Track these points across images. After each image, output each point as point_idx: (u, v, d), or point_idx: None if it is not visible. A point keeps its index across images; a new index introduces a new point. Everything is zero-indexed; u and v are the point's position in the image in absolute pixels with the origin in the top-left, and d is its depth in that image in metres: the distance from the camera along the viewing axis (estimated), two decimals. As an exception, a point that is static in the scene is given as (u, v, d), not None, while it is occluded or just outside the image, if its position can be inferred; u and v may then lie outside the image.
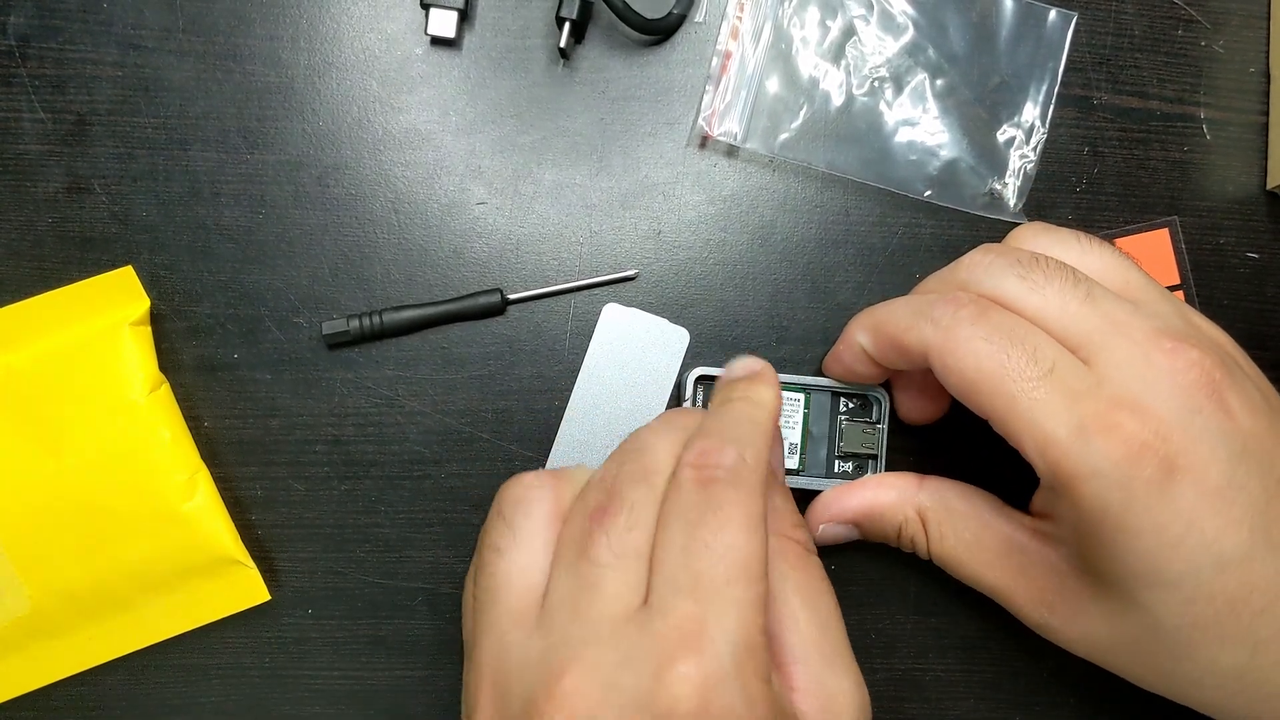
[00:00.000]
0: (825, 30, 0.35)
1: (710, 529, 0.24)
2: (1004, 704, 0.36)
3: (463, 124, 0.35)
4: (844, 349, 0.32)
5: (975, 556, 0.31)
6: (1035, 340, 0.27)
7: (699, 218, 0.36)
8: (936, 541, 0.32)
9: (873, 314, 0.31)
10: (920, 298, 0.30)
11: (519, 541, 0.27)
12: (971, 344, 0.27)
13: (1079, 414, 0.25)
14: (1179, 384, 0.26)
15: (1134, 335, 0.26)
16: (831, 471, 0.34)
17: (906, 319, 0.29)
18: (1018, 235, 0.31)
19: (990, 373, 0.26)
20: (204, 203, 0.35)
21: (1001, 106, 0.36)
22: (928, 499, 0.32)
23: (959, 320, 0.27)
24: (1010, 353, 0.26)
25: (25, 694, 0.33)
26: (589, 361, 0.35)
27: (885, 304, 0.31)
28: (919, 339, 0.28)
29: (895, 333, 0.29)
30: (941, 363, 0.27)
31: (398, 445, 0.35)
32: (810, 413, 0.34)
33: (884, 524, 0.33)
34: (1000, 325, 0.27)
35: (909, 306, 0.29)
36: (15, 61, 0.34)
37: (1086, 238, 0.30)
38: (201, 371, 0.35)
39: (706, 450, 0.25)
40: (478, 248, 0.35)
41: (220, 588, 0.34)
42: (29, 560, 0.32)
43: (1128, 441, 0.25)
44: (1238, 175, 0.37)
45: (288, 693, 0.35)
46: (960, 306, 0.27)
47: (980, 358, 0.26)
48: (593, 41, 0.36)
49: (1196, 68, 0.37)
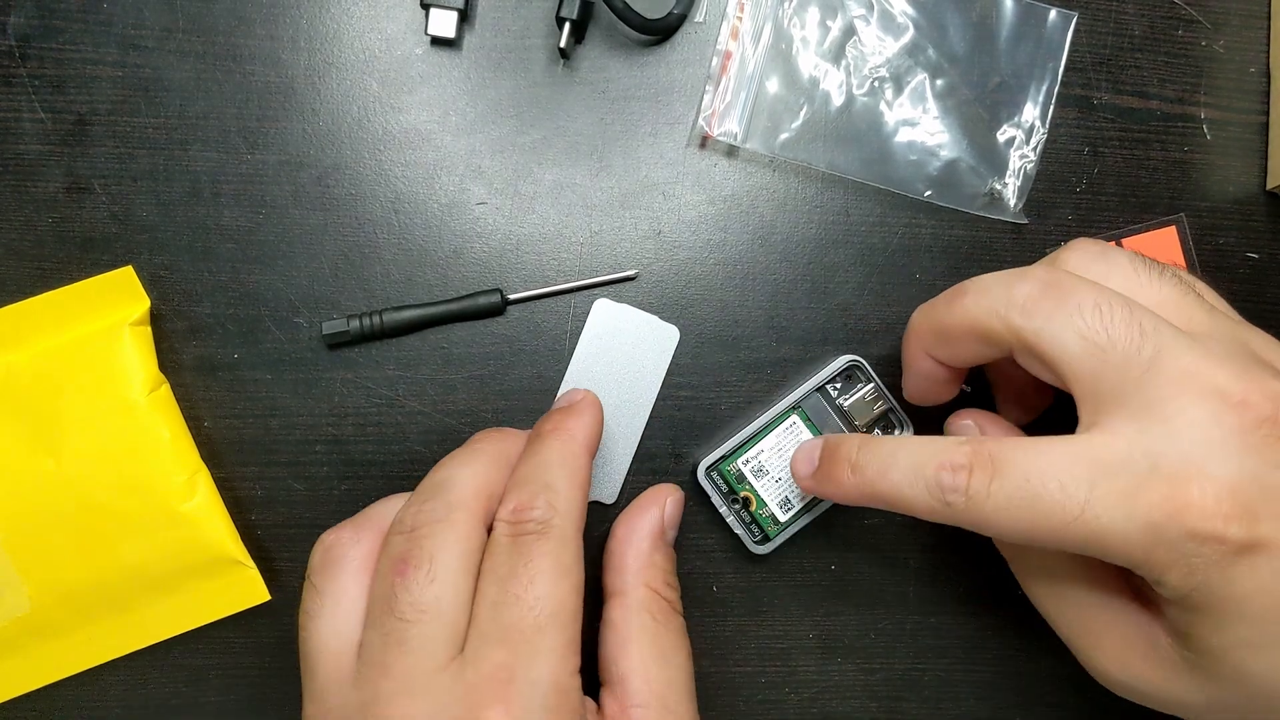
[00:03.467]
0: (825, 30, 0.35)
1: (520, 582, 0.25)
2: (1004, 704, 0.36)
3: (463, 124, 0.35)
4: (834, 497, 0.30)
5: (1060, 604, 0.29)
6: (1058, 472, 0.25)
7: (699, 218, 0.36)
8: (1020, 577, 0.31)
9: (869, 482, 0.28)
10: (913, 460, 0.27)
11: (326, 606, 0.27)
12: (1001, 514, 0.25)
13: (1144, 510, 0.24)
14: (1251, 442, 0.24)
15: (1202, 390, 0.24)
16: None
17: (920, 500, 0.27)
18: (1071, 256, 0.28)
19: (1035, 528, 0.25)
20: (204, 203, 0.35)
21: (1001, 106, 0.36)
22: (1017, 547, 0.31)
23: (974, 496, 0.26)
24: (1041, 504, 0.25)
25: (25, 694, 0.34)
26: (578, 356, 0.35)
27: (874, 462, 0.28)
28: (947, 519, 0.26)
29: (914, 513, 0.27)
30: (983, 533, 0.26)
31: (398, 445, 0.35)
32: (813, 421, 0.34)
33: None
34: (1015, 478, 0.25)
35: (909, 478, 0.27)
36: (15, 61, 0.34)
37: (1145, 265, 0.28)
38: (201, 371, 0.35)
39: (519, 505, 0.27)
40: (478, 248, 0.35)
41: (220, 588, 0.34)
42: (29, 560, 0.32)
43: (1207, 518, 0.23)
44: (1238, 175, 0.37)
45: (288, 693, 0.35)
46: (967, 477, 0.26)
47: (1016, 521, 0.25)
48: (593, 41, 0.36)
49: (1197, 68, 0.37)
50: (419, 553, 0.26)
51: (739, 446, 0.34)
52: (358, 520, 0.29)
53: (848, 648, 0.36)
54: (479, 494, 0.28)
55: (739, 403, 0.35)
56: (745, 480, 0.34)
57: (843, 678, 0.36)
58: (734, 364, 0.35)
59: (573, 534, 0.27)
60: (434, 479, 0.28)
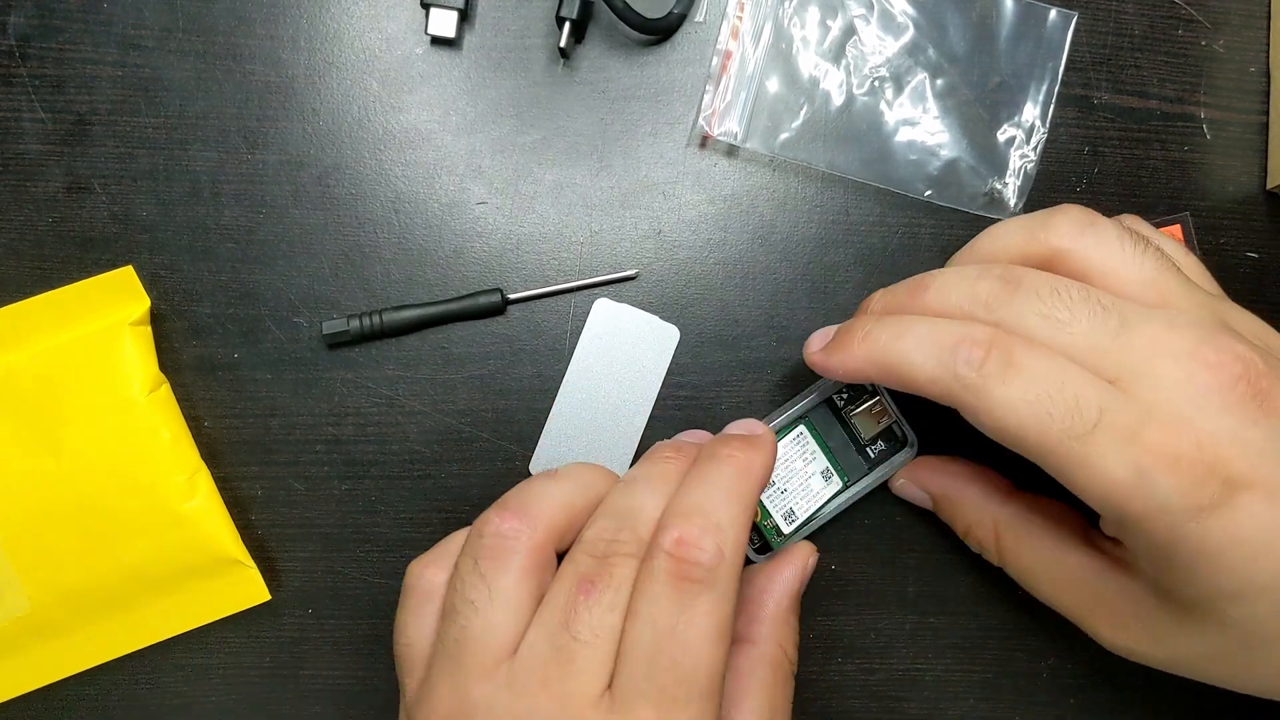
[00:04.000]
0: (825, 30, 0.35)
1: (680, 644, 0.24)
2: (1004, 704, 0.36)
3: (463, 124, 0.35)
4: (839, 365, 0.29)
5: (1050, 578, 0.30)
6: (1075, 387, 0.25)
7: (699, 217, 0.36)
8: (1010, 556, 0.31)
9: (880, 346, 0.28)
10: (931, 331, 0.27)
11: (495, 599, 0.26)
12: (1008, 403, 0.25)
13: (1134, 454, 0.24)
14: (1228, 400, 0.25)
15: (1175, 353, 0.25)
16: (873, 464, 0.34)
17: (926, 367, 0.27)
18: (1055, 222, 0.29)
19: (1034, 431, 0.25)
20: (204, 203, 0.35)
21: (1001, 106, 0.36)
22: (1009, 514, 0.31)
23: (987, 376, 0.25)
24: (1053, 409, 0.25)
25: (25, 694, 0.34)
26: (578, 356, 0.35)
27: (889, 329, 0.28)
28: (946, 392, 0.26)
29: (913, 379, 0.27)
30: (976, 420, 0.26)
31: (398, 445, 0.35)
32: (819, 432, 0.34)
33: (954, 517, 0.33)
34: (1034, 376, 0.25)
35: (923, 346, 0.27)
36: (15, 61, 0.34)
37: (1131, 239, 0.28)
38: (201, 371, 0.35)
39: (685, 539, 0.25)
40: (478, 247, 0.35)
41: (220, 588, 0.34)
42: (29, 560, 0.32)
43: (1189, 470, 0.24)
44: (1238, 175, 0.37)
45: (288, 693, 0.35)
46: (985, 354, 0.26)
47: (1021, 416, 0.25)
48: (593, 41, 0.36)
49: (1197, 68, 0.37)
50: (608, 579, 0.25)
51: None
52: (525, 511, 0.27)
53: (848, 648, 0.36)
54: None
55: (739, 403, 0.35)
56: None
57: (843, 678, 0.36)
58: (734, 364, 0.36)
59: (734, 586, 0.25)
60: (627, 502, 0.27)
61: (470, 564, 0.26)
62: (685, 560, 0.24)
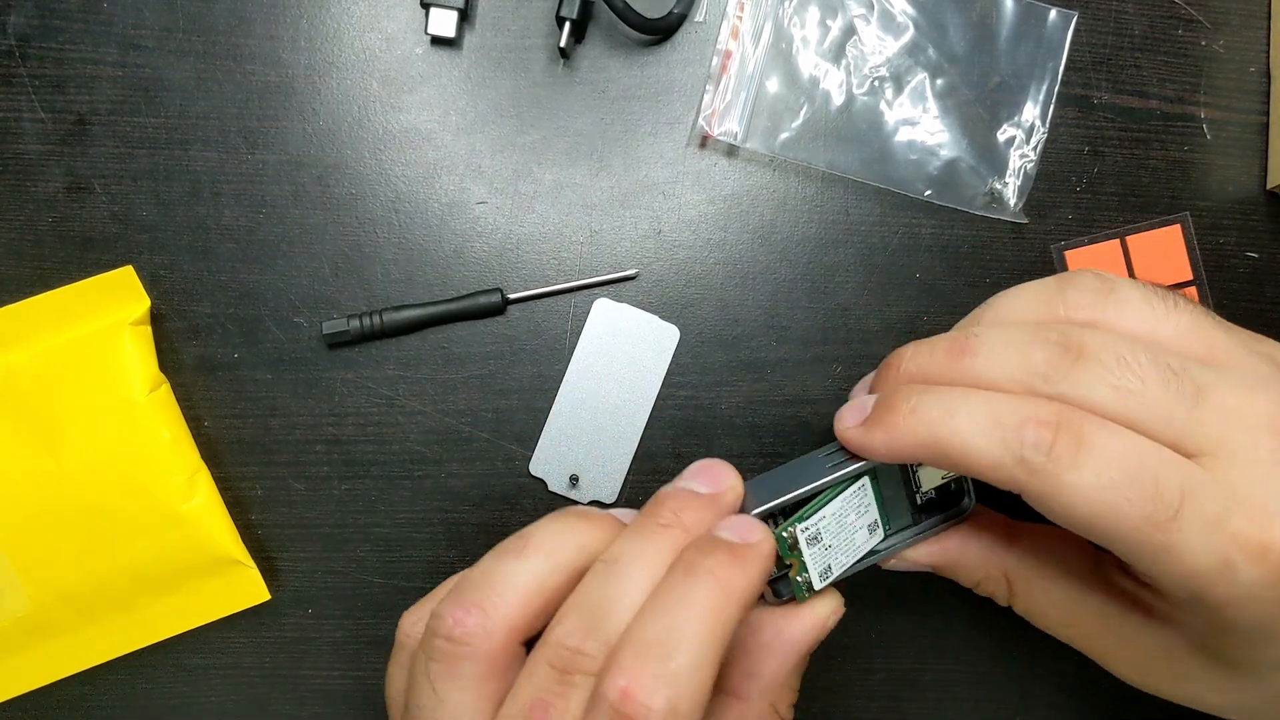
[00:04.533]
0: (825, 30, 0.35)
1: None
2: (1004, 704, 0.36)
3: (463, 123, 0.35)
4: (882, 451, 0.25)
5: (1065, 620, 0.28)
6: (1155, 469, 0.23)
7: (699, 217, 0.36)
8: (1022, 600, 0.29)
9: (930, 425, 0.24)
10: (990, 408, 0.24)
11: (442, 711, 0.23)
12: (1081, 490, 0.23)
13: (1223, 544, 0.22)
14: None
15: (1255, 424, 0.23)
16: (919, 516, 0.30)
17: (991, 453, 0.23)
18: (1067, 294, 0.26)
19: (1111, 519, 0.23)
20: (204, 203, 0.35)
21: (1001, 106, 0.36)
22: (1016, 561, 0.29)
23: (1058, 460, 0.23)
24: (1131, 494, 0.22)
25: (25, 694, 0.33)
26: (578, 356, 0.35)
27: (939, 405, 0.24)
28: (1010, 480, 0.24)
29: (976, 467, 0.24)
30: (1045, 508, 0.24)
31: (398, 445, 0.35)
32: (881, 481, 0.28)
33: (959, 577, 0.30)
34: (1109, 458, 0.23)
35: (981, 427, 0.24)
36: (15, 61, 0.34)
37: (1157, 295, 0.26)
38: (201, 371, 0.35)
39: (631, 690, 0.20)
40: (478, 247, 0.35)
41: (220, 588, 0.34)
42: (29, 560, 0.32)
43: (1278, 561, 0.22)
44: (1238, 175, 0.37)
45: (288, 693, 0.35)
46: (1054, 436, 0.23)
47: (1095, 505, 0.23)
48: (593, 41, 0.36)
49: (1197, 68, 0.37)
50: (564, 704, 0.22)
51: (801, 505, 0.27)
52: (484, 603, 0.23)
53: (848, 648, 0.36)
54: None
55: (739, 403, 0.35)
56: (798, 548, 0.27)
57: (843, 678, 0.36)
58: (734, 364, 0.35)
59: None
60: (600, 594, 0.23)
61: (423, 665, 0.24)
62: (628, 715, 0.20)
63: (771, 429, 0.35)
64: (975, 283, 0.36)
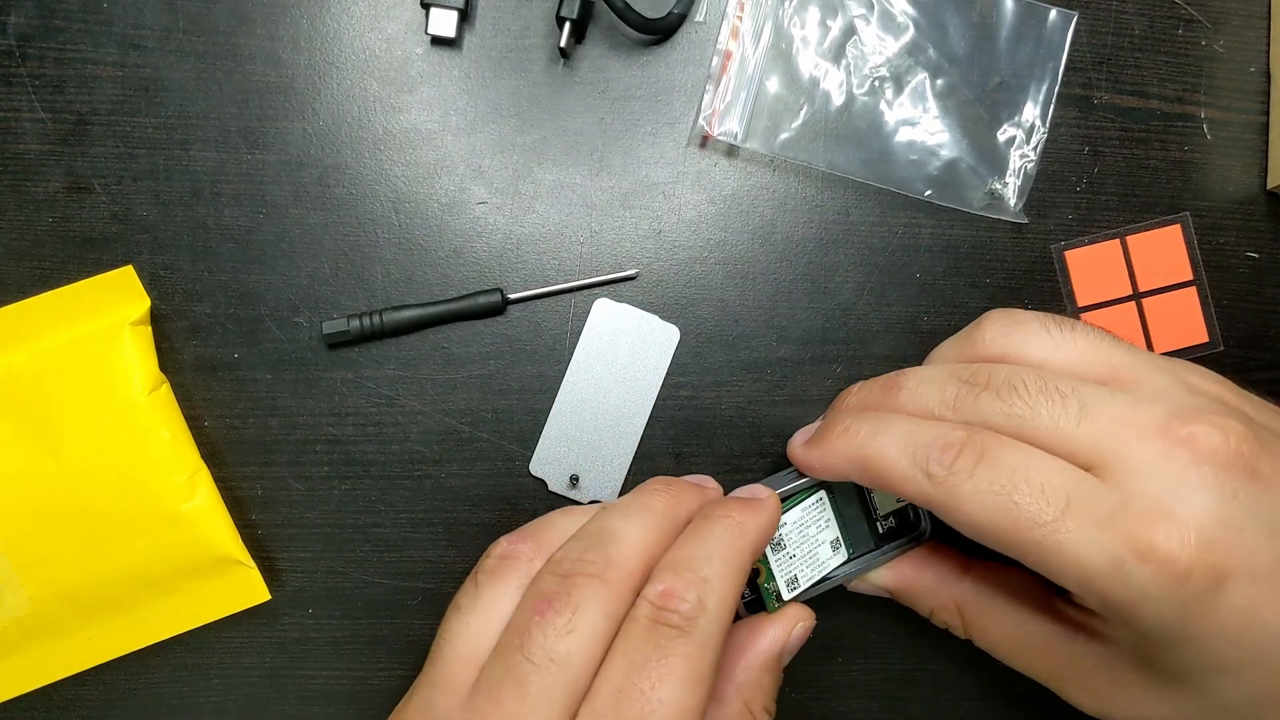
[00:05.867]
0: (825, 30, 0.35)
1: (649, 678, 0.24)
2: (1004, 704, 0.36)
3: (463, 124, 0.35)
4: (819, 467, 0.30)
5: (1018, 648, 0.30)
6: (1042, 474, 0.25)
7: (699, 217, 0.36)
8: (977, 631, 0.31)
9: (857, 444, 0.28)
10: (908, 430, 0.27)
11: (478, 607, 0.27)
12: (976, 498, 0.25)
13: (1111, 543, 0.24)
14: (1207, 475, 0.24)
15: (1144, 432, 0.25)
16: (881, 542, 0.33)
17: (900, 466, 0.27)
18: (980, 334, 0.30)
19: (1004, 523, 0.25)
20: (204, 203, 0.35)
21: (1002, 106, 0.36)
22: (968, 591, 0.31)
23: (957, 473, 0.26)
24: (1019, 498, 0.25)
25: (25, 694, 0.33)
26: (578, 356, 0.35)
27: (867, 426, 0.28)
28: (919, 491, 0.27)
29: (889, 481, 0.27)
30: (950, 518, 0.26)
31: (398, 445, 0.35)
32: (838, 498, 0.32)
33: (916, 604, 0.32)
34: (1001, 468, 0.25)
35: (898, 445, 0.27)
36: (15, 61, 0.34)
37: (1054, 323, 0.29)
38: (201, 371, 0.35)
39: (669, 590, 0.25)
40: (478, 247, 0.35)
41: (220, 588, 0.34)
42: (29, 560, 0.32)
43: (1170, 563, 0.24)
44: (1238, 175, 0.37)
45: (288, 693, 0.35)
46: (955, 455, 0.26)
47: (988, 508, 0.25)
48: (593, 41, 0.36)
49: (1197, 67, 0.37)
50: (565, 599, 0.25)
51: None
52: (538, 537, 0.28)
53: (848, 648, 0.36)
54: (640, 555, 0.26)
55: (739, 403, 0.35)
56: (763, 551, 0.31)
57: (843, 678, 0.36)
58: (734, 364, 0.36)
59: (716, 638, 0.25)
60: (601, 525, 0.27)
61: (472, 578, 0.28)
62: (665, 609, 0.25)
63: (771, 429, 0.35)
64: (975, 283, 0.36)
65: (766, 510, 0.28)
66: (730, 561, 0.26)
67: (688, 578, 0.25)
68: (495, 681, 0.25)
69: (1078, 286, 0.36)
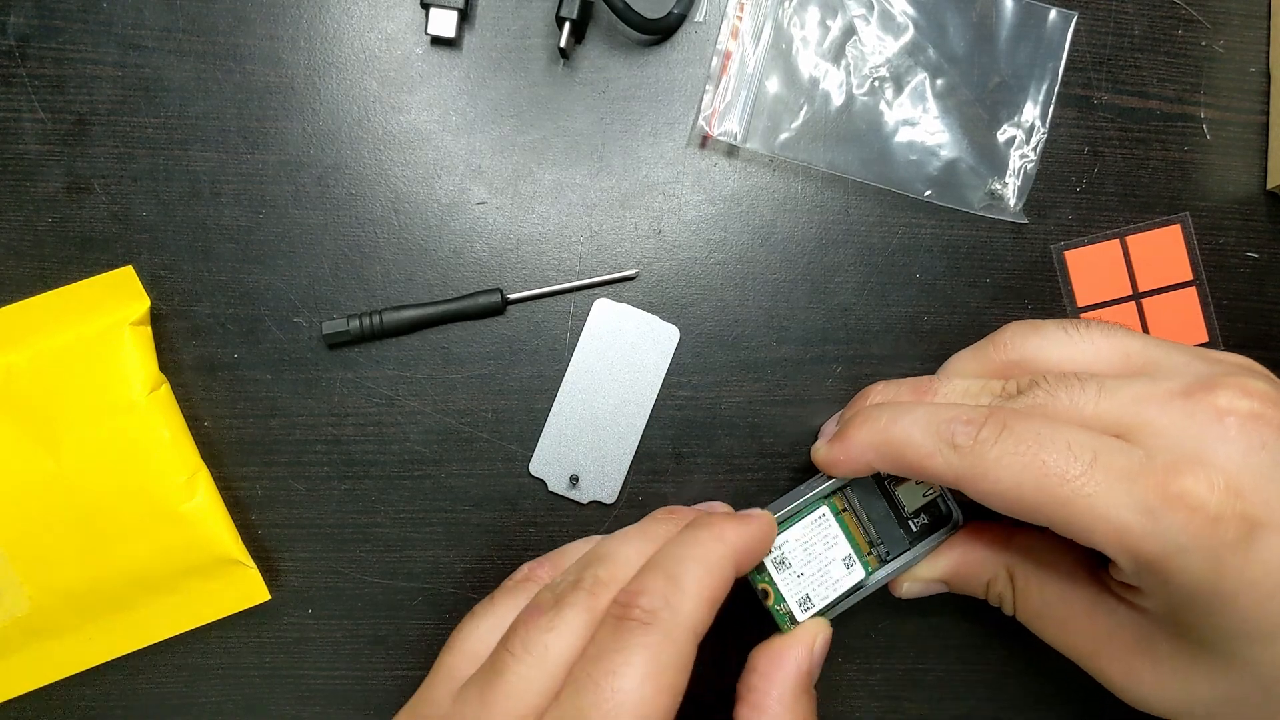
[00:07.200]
0: (825, 30, 0.35)
1: (604, 668, 0.24)
2: (1004, 704, 0.36)
3: (463, 124, 0.35)
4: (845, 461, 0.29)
5: (1061, 617, 0.30)
6: (1066, 435, 0.25)
7: (699, 217, 0.36)
8: (1023, 599, 0.31)
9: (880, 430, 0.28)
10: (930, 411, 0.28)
11: (489, 613, 0.28)
12: (1003, 460, 0.25)
13: (1140, 493, 0.24)
14: (1231, 427, 0.24)
15: (1166, 400, 0.25)
16: (915, 540, 0.32)
17: (925, 443, 0.27)
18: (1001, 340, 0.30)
19: (1033, 484, 0.25)
20: (204, 203, 0.35)
21: (1001, 106, 0.36)
22: (1015, 555, 0.31)
23: (982, 442, 0.26)
24: (1046, 455, 0.25)
25: (25, 694, 0.33)
26: (578, 356, 0.35)
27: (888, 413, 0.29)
28: (945, 466, 0.27)
29: (915, 460, 0.27)
30: (977, 489, 0.26)
31: (398, 445, 0.35)
32: (861, 503, 0.31)
33: (971, 582, 0.32)
34: (1026, 432, 0.25)
35: (920, 425, 0.27)
36: (15, 61, 0.34)
37: (1072, 325, 0.29)
38: (201, 371, 0.35)
39: (635, 588, 0.25)
40: (478, 247, 0.35)
41: (220, 588, 0.34)
42: (29, 560, 0.32)
43: (1201, 508, 0.23)
44: (1238, 175, 0.37)
45: (288, 693, 0.35)
46: (980, 426, 0.26)
47: (1017, 471, 0.25)
48: (593, 41, 0.36)
49: (1196, 68, 0.37)
50: (552, 604, 0.26)
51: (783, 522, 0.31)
52: (556, 561, 0.30)
53: (848, 648, 0.36)
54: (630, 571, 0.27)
55: (739, 403, 0.35)
56: (765, 571, 0.30)
57: (843, 678, 0.36)
58: (734, 364, 0.35)
59: (680, 634, 0.25)
60: (601, 549, 0.28)
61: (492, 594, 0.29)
62: (629, 604, 0.25)
63: (771, 429, 0.36)
64: (975, 283, 0.36)
65: (752, 521, 0.28)
66: (703, 563, 0.26)
67: (655, 577, 0.26)
68: (481, 672, 0.26)
69: (1077, 287, 0.36)
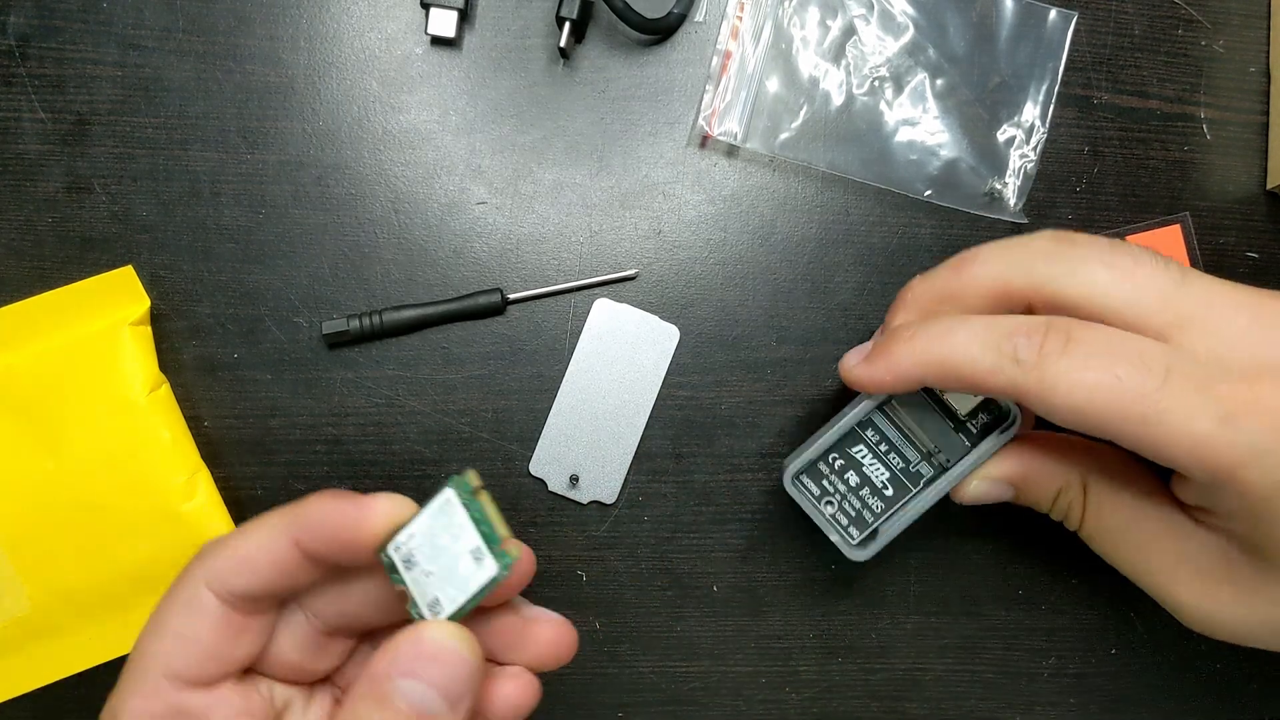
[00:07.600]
0: (825, 30, 0.35)
1: None
2: (1004, 704, 0.36)
3: (463, 124, 0.35)
4: (886, 372, 0.27)
5: (1130, 538, 0.28)
6: (1138, 348, 0.24)
7: (699, 217, 0.36)
8: (1094, 515, 0.29)
9: (933, 346, 0.26)
10: (984, 323, 0.26)
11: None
12: (1071, 376, 0.24)
13: (1217, 402, 0.23)
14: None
15: (1233, 302, 0.25)
16: (975, 441, 0.30)
17: (986, 360, 0.25)
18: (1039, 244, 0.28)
19: (1107, 401, 0.24)
20: (204, 203, 0.35)
21: (1001, 106, 0.36)
22: (1091, 467, 0.29)
23: (1048, 355, 0.24)
24: (1119, 371, 0.24)
25: (25, 694, 0.33)
26: (578, 356, 0.35)
27: (937, 326, 0.27)
28: (1008, 383, 0.25)
29: (975, 376, 0.26)
30: (1046, 404, 0.25)
31: (398, 445, 0.35)
32: (909, 415, 0.30)
33: (1041, 489, 0.30)
34: (1095, 345, 0.24)
35: (977, 338, 0.26)
36: (15, 61, 0.34)
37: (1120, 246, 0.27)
38: (201, 371, 0.35)
39: None
40: (478, 247, 0.35)
41: (220, 588, 0.33)
42: (29, 560, 0.32)
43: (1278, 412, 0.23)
44: (1238, 175, 0.37)
45: (288, 693, 0.35)
46: (1043, 338, 0.25)
47: (1090, 388, 0.24)
48: (593, 41, 0.36)
49: (1196, 68, 0.37)
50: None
51: (831, 447, 0.30)
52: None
53: (848, 648, 0.36)
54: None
55: (739, 402, 0.35)
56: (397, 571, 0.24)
57: (843, 678, 0.36)
58: (734, 364, 0.35)
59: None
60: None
61: None
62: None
63: (771, 429, 0.35)
64: (975, 283, 0.36)
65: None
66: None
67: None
68: None
69: (1078, 286, 0.36)
